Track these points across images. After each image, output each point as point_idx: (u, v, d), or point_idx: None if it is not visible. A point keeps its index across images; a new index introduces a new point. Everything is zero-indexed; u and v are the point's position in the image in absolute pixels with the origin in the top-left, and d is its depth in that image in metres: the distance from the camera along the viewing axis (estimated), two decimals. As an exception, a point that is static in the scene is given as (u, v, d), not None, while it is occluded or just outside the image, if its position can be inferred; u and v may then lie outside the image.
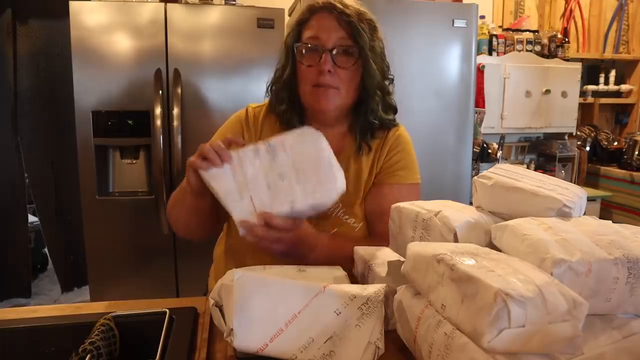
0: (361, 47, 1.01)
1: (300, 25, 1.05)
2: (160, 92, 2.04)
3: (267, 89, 1.13)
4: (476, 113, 2.60)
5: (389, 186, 1.08)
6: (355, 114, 1.09)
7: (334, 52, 1.00)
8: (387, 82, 1.10)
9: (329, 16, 1.02)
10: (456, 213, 0.74)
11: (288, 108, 1.08)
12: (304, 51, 1.02)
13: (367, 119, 1.08)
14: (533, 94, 3.04)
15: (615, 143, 3.33)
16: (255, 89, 2.14)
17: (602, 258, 0.59)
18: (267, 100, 1.16)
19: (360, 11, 1.03)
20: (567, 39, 3.19)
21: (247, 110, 1.14)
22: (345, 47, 1.01)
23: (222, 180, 0.86)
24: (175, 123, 2.05)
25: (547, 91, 3.05)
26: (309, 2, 1.06)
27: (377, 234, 1.07)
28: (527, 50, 3.02)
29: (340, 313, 0.66)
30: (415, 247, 0.68)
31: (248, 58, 2.14)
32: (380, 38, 1.07)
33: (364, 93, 1.06)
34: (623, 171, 3.16)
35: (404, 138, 1.13)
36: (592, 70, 3.48)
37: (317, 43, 1.01)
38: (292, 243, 0.89)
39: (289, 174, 0.87)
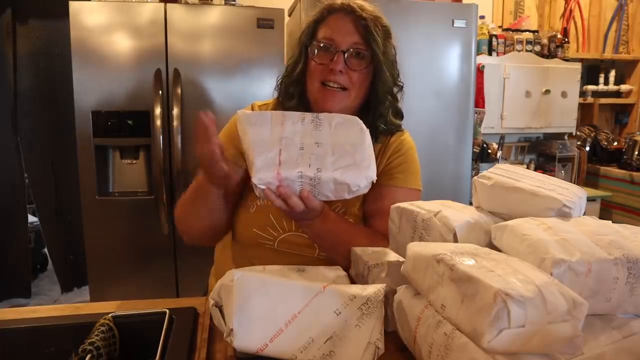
0: (374, 51, 1.01)
1: (316, 23, 1.06)
2: (160, 92, 2.04)
3: (278, 83, 1.13)
4: (476, 113, 2.61)
5: (387, 187, 1.08)
6: (361, 117, 1.08)
7: (347, 53, 1.00)
8: (395, 89, 1.10)
9: (345, 18, 1.02)
10: (456, 213, 0.74)
11: (298, 104, 1.08)
12: (316, 50, 1.03)
13: (374, 122, 1.08)
14: (533, 94, 3.04)
15: (615, 143, 3.33)
16: (255, 89, 2.15)
17: (602, 258, 0.59)
18: (271, 99, 1.16)
19: (376, 16, 1.04)
20: (566, 39, 3.19)
21: (252, 107, 1.15)
22: (359, 50, 1.01)
23: (259, 128, 0.84)
24: (175, 123, 2.05)
25: (547, 91, 3.05)
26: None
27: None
28: (526, 51, 3.02)
29: (340, 313, 0.66)
30: (415, 247, 0.68)
31: (248, 58, 2.14)
32: (394, 45, 1.08)
33: (374, 98, 1.07)
34: (623, 171, 3.16)
35: (407, 143, 1.13)
36: (591, 70, 3.48)
37: (331, 43, 1.01)
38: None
39: (326, 145, 0.85)
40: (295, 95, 1.08)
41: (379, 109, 1.08)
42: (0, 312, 0.89)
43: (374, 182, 0.86)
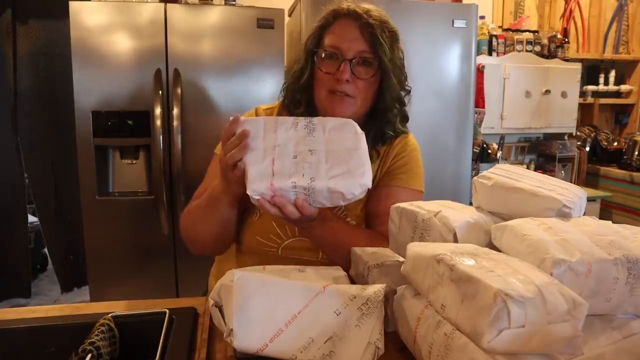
0: (381, 59, 1.00)
1: (322, 29, 1.04)
2: (160, 92, 2.04)
3: (283, 89, 1.12)
4: (476, 113, 2.61)
5: (389, 188, 1.07)
6: (369, 122, 1.08)
7: (353, 62, 0.99)
8: (403, 94, 1.09)
9: (352, 24, 1.00)
10: (456, 213, 0.74)
11: (305, 111, 1.07)
12: (323, 56, 1.02)
13: (381, 128, 1.07)
14: (533, 94, 3.05)
15: (615, 143, 3.33)
16: (255, 89, 2.15)
17: (602, 258, 0.59)
18: (275, 102, 1.15)
19: (383, 20, 1.02)
20: (567, 39, 3.19)
21: (256, 111, 1.13)
22: (365, 58, 1.00)
23: (252, 137, 0.84)
24: (175, 123, 2.05)
25: (547, 91, 3.06)
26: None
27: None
28: (527, 51, 3.02)
29: (340, 313, 0.66)
30: (415, 248, 0.68)
31: (248, 58, 2.14)
32: (401, 48, 1.06)
33: (382, 104, 1.06)
34: (623, 171, 3.16)
35: (411, 145, 1.13)
36: (591, 71, 3.48)
37: (337, 51, 1.00)
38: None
39: (320, 153, 0.84)
40: (302, 102, 1.07)
41: (387, 116, 1.07)
42: (0, 312, 0.89)
43: (370, 189, 0.85)
